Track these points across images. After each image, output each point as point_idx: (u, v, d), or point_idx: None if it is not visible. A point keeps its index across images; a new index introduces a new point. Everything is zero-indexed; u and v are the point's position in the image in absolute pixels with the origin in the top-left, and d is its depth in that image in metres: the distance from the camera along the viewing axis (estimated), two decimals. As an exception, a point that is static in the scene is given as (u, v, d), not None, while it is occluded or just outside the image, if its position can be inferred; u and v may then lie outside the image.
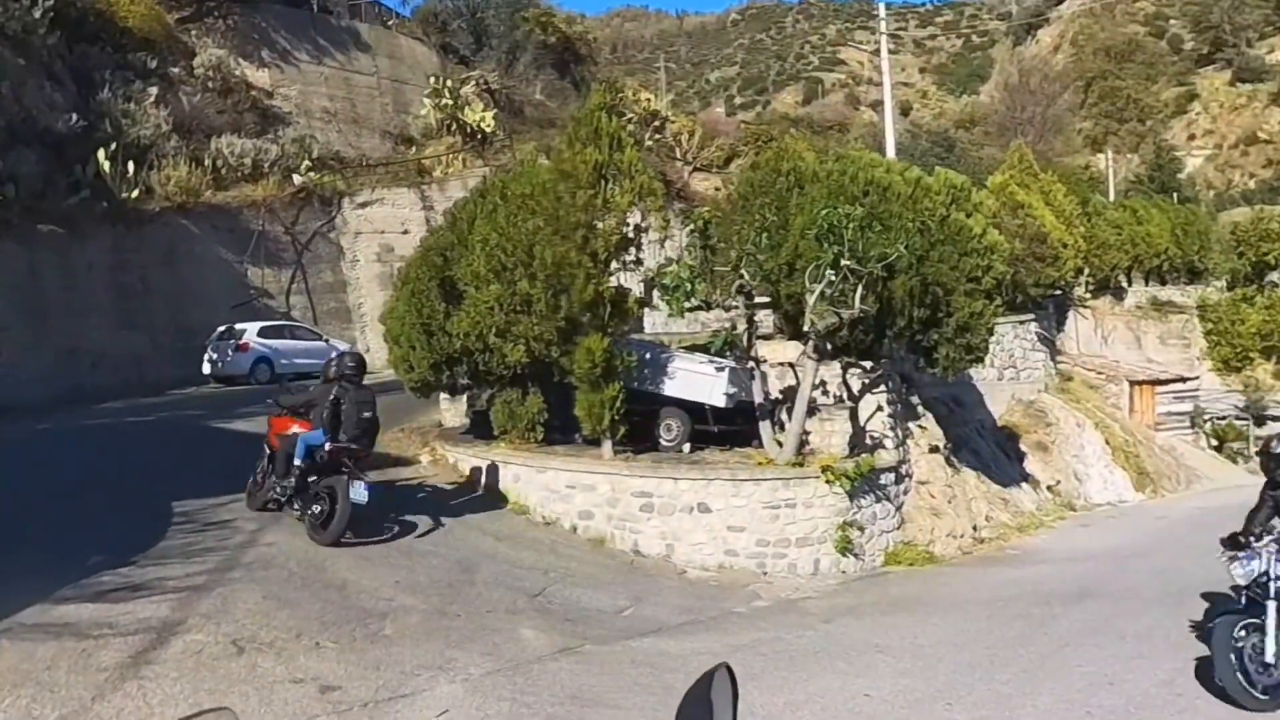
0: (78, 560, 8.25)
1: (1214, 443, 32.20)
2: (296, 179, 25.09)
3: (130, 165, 21.44)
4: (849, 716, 6.68)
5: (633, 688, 6.97)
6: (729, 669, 1.72)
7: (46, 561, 8.24)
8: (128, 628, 6.98)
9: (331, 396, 9.79)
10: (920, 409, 15.95)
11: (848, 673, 7.74)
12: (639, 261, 12.61)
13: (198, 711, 1.69)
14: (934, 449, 15.28)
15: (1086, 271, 32.47)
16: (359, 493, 9.34)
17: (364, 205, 26.68)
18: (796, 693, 7.12)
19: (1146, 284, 37.90)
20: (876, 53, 30.96)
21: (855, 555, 11.93)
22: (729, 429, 12.95)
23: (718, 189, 28.93)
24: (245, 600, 7.78)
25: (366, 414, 9.90)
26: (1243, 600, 6.88)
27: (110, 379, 19.72)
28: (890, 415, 13.86)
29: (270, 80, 28.34)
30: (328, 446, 9.62)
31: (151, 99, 23.75)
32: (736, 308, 12.77)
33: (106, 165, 20.98)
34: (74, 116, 21.33)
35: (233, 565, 8.57)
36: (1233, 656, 6.49)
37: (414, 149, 30.31)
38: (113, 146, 21.23)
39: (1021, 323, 24.81)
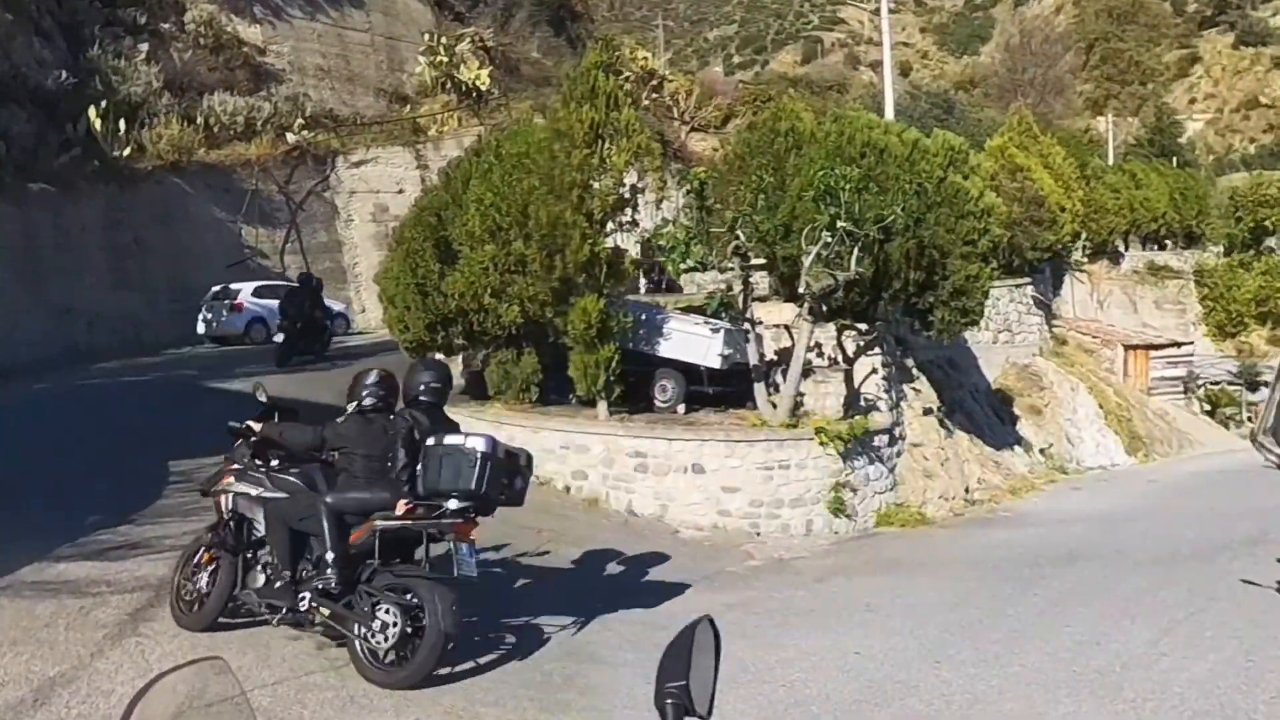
0: (76, 519, 8.29)
1: (1207, 408, 32.34)
2: (290, 137, 24.84)
3: (122, 123, 21.20)
4: (839, 674, 6.77)
5: (625, 644, 7.05)
6: (711, 622, 1.74)
7: (44, 520, 8.28)
8: (126, 585, 7.04)
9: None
10: (915, 371, 16.00)
11: (839, 631, 7.83)
12: (635, 222, 12.57)
13: (189, 661, 1.72)
14: (928, 411, 15.34)
15: (1084, 235, 32.41)
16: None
17: (358, 164, 26.45)
18: (788, 650, 7.21)
19: (1144, 249, 37.86)
20: (877, 12, 30.63)
21: (848, 516, 12.02)
22: (724, 390, 12.99)
23: (715, 149, 28.68)
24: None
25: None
26: None
27: (106, 339, 19.68)
28: (885, 378, 13.90)
29: (262, 37, 27.92)
30: (400, 507, 5.84)
31: (142, 55, 23.44)
32: (732, 269, 12.75)
33: (98, 123, 20.76)
34: (64, 74, 21.05)
35: (229, 524, 8.61)
36: None
37: (409, 107, 29.97)
38: (104, 104, 20.99)
39: (1017, 286, 24.80)
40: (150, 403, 13.84)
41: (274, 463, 6.44)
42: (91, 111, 20.73)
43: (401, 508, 5.81)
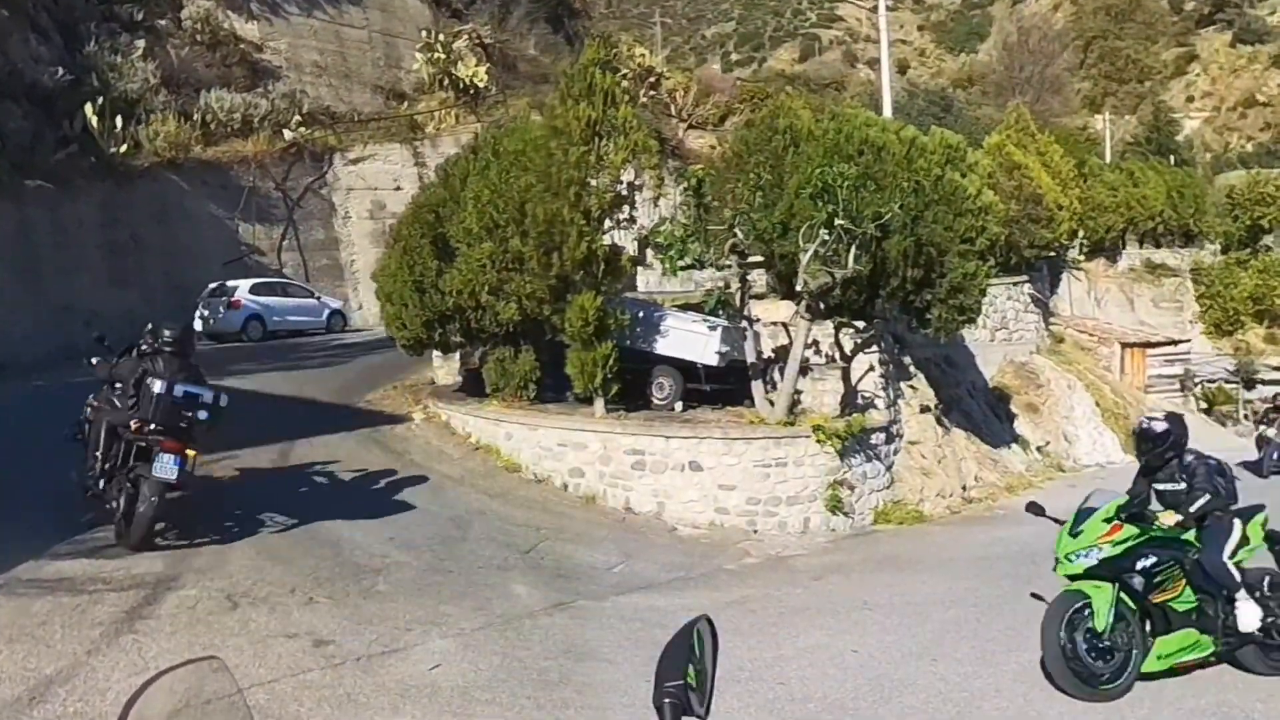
0: (72, 517, 8.28)
1: (1203, 406, 32.40)
2: (287, 134, 24.80)
3: (118, 120, 21.16)
4: (836, 671, 6.77)
5: (623, 642, 7.06)
6: (709, 620, 1.74)
7: (41, 518, 8.28)
8: (122, 583, 7.04)
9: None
10: (912, 369, 15.99)
11: (835, 629, 7.84)
12: (633, 220, 12.56)
13: (186, 660, 1.71)
14: (925, 409, 15.34)
15: (1081, 233, 32.43)
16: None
17: (356, 161, 26.41)
18: (785, 648, 7.22)
19: (1141, 247, 37.90)
20: (874, 9, 30.60)
21: (845, 514, 12.02)
22: (721, 388, 12.97)
23: (713, 147, 28.66)
24: (238, 556, 7.85)
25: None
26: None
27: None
28: (882, 375, 13.90)
29: (259, 33, 27.86)
30: (132, 424, 7.85)
31: (139, 52, 23.37)
32: (730, 267, 12.74)
33: (94, 120, 20.71)
34: (60, 70, 20.99)
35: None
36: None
37: (406, 104, 29.93)
38: (100, 101, 20.94)
39: (1015, 284, 24.79)
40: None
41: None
42: (88, 108, 20.68)
43: (133, 426, 7.83)
